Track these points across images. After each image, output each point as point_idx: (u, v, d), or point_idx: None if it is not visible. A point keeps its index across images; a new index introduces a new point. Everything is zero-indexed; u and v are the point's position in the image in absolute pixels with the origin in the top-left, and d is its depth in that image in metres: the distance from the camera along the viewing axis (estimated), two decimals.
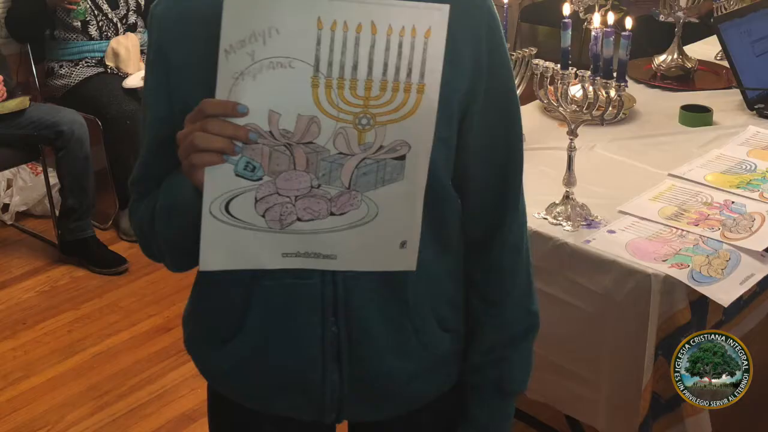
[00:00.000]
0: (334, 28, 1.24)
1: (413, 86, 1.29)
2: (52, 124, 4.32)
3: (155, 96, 1.52)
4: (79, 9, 4.71)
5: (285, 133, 1.29)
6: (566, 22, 2.35)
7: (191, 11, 1.45)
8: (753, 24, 3.33)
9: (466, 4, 1.46)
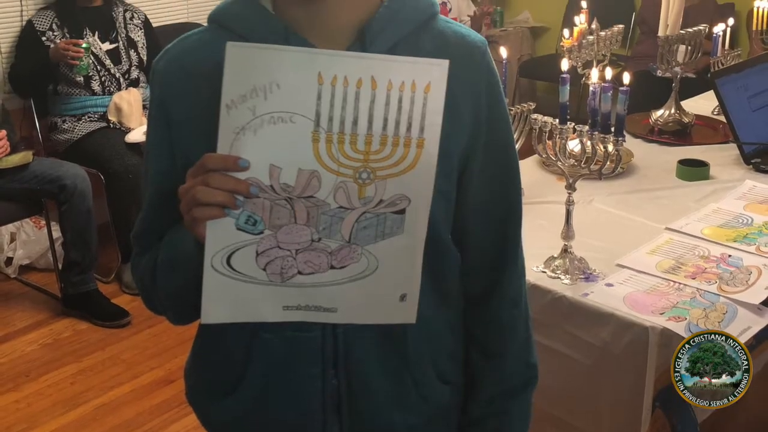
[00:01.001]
0: (334, 83, 1.25)
1: (413, 141, 1.29)
2: (56, 178, 4.35)
3: (157, 150, 1.53)
4: (81, 64, 4.75)
5: (286, 187, 1.29)
6: (564, 77, 2.35)
7: (193, 66, 1.47)
8: (749, 79, 3.36)
9: (466, 60, 1.48)
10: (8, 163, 4.26)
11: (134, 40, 5.21)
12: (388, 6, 1.47)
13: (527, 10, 7.91)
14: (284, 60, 1.26)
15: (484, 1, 7.67)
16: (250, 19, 1.46)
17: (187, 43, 1.52)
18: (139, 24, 5.28)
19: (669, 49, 3.51)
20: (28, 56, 4.96)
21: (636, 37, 6.93)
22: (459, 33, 1.52)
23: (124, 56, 5.13)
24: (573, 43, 3.38)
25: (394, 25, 1.46)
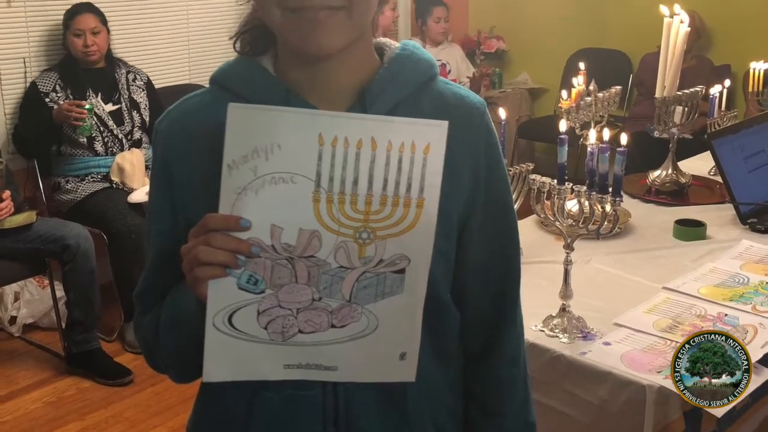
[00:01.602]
0: (335, 144, 1.26)
1: (413, 201, 1.30)
2: (59, 238, 4.37)
3: (159, 210, 1.53)
4: (84, 125, 4.78)
5: (287, 247, 1.30)
6: (562, 138, 2.35)
7: (195, 127, 1.48)
8: (746, 140, 3.37)
9: (465, 121, 1.50)
10: (12, 223, 4.28)
11: (137, 101, 5.25)
12: (387, 68, 1.49)
13: (526, 72, 7.96)
14: (285, 121, 1.27)
15: (483, 62, 7.72)
16: (252, 80, 1.48)
17: (188, 104, 1.53)
18: (142, 85, 5.33)
19: (666, 110, 3.51)
20: (31, 117, 5.00)
21: (633, 98, 6.99)
22: (458, 94, 1.54)
23: (127, 117, 5.18)
24: (571, 105, 3.39)
25: (393, 86, 1.48)
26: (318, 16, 1.34)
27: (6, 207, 4.23)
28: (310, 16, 1.34)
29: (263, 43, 1.53)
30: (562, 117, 3.15)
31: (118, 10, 5.49)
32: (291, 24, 1.37)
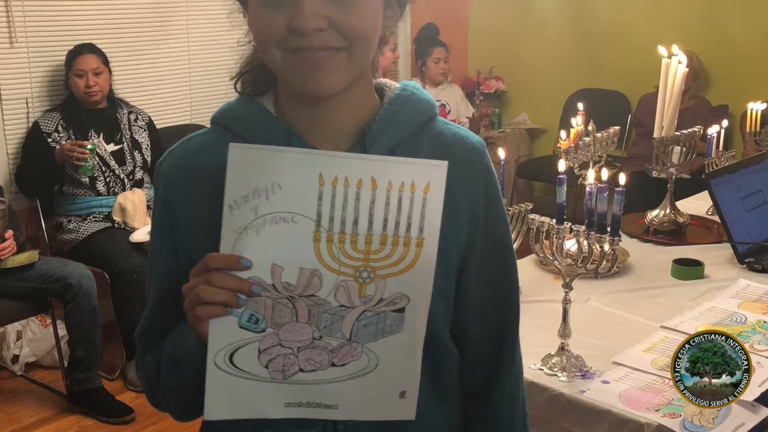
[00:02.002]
0: (335, 184, 1.27)
1: (412, 240, 1.30)
2: (61, 277, 4.38)
3: (161, 249, 1.53)
4: (86, 165, 4.79)
5: (287, 286, 1.30)
6: (561, 178, 2.35)
7: (196, 167, 1.49)
8: (743, 180, 3.38)
9: (464, 161, 1.51)
10: (15, 262, 4.29)
11: (138, 141, 5.27)
12: (388, 108, 1.50)
13: (525, 113, 7.99)
14: (286, 161, 1.28)
15: (483, 103, 7.75)
16: (252, 120, 1.49)
17: (190, 145, 1.54)
18: (143, 125, 5.35)
19: (664, 150, 3.52)
20: (34, 157, 5.01)
21: (632, 138, 7.01)
22: (458, 134, 1.55)
23: (129, 157, 5.20)
24: (570, 145, 3.40)
25: (393, 126, 1.48)
26: (318, 56, 1.36)
27: (9, 246, 4.24)
28: (310, 56, 1.36)
29: (264, 84, 1.54)
30: (560, 157, 3.15)
31: (120, 51, 5.52)
32: (291, 65, 1.38)
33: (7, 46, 5.14)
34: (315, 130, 1.47)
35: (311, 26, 1.33)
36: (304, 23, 1.32)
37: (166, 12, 5.92)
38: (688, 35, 6.30)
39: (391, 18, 1.48)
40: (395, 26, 1.51)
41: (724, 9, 6.52)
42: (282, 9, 1.35)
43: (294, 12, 1.33)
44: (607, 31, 7.24)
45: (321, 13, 1.33)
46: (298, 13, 1.33)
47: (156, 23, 5.87)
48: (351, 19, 1.36)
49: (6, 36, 5.13)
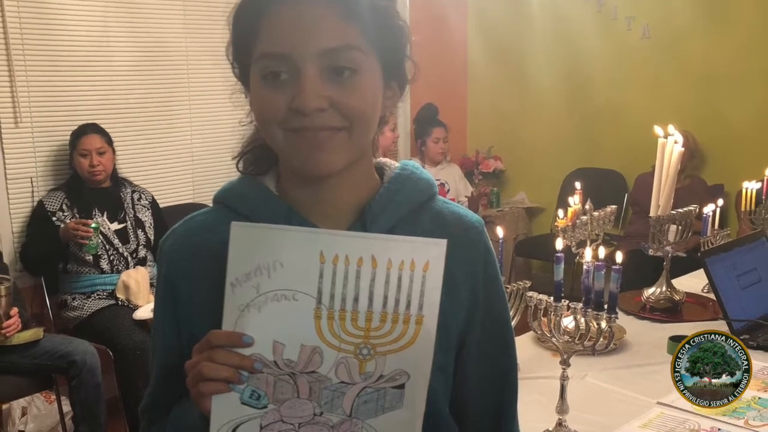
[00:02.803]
0: (336, 262, 1.28)
1: (412, 317, 1.30)
2: (65, 354, 4.39)
3: (164, 326, 1.55)
4: (90, 244, 4.84)
5: (289, 363, 1.30)
6: (559, 256, 2.35)
7: (198, 246, 1.50)
8: (738, 258, 3.39)
9: (463, 239, 1.52)
10: (20, 339, 4.31)
11: (142, 220, 5.33)
12: (388, 187, 1.52)
13: (523, 192, 8.05)
14: (287, 239, 1.29)
15: (481, 182, 7.81)
16: (254, 199, 1.51)
17: (192, 223, 1.56)
18: (147, 204, 5.41)
19: (660, 228, 3.54)
20: (38, 236, 5.05)
21: (628, 217, 7.04)
22: (456, 213, 1.57)
23: (132, 236, 5.25)
24: (567, 223, 3.41)
25: (393, 205, 1.50)
26: (319, 136, 1.37)
27: (14, 324, 4.26)
28: (311, 136, 1.37)
29: (265, 163, 1.56)
30: (558, 235, 3.15)
31: (124, 131, 5.60)
32: (293, 144, 1.39)
33: (12, 126, 5.22)
34: (316, 209, 1.49)
35: (312, 107, 1.34)
36: (306, 104, 1.34)
37: (169, 92, 6.01)
38: (684, 115, 6.39)
39: (391, 98, 1.50)
40: (395, 106, 1.54)
41: (719, 90, 6.59)
42: (283, 89, 1.37)
43: (295, 92, 1.35)
44: (604, 112, 7.32)
45: (322, 93, 1.35)
46: (300, 93, 1.35)
47: (159, 103, 5.95)
48: (351, 99, 1.37)
49: (11, 116, 5.21)
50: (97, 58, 5.58)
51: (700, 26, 6.66)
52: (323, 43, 1.35)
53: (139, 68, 5.81)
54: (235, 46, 1.47)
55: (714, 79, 6.63)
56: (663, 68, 6.92)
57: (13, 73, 5.18)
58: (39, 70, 5.31)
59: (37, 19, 5.28)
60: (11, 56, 5.16)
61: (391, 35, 1.46)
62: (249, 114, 1.52)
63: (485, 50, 8.11)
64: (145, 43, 5.83)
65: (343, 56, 1.37)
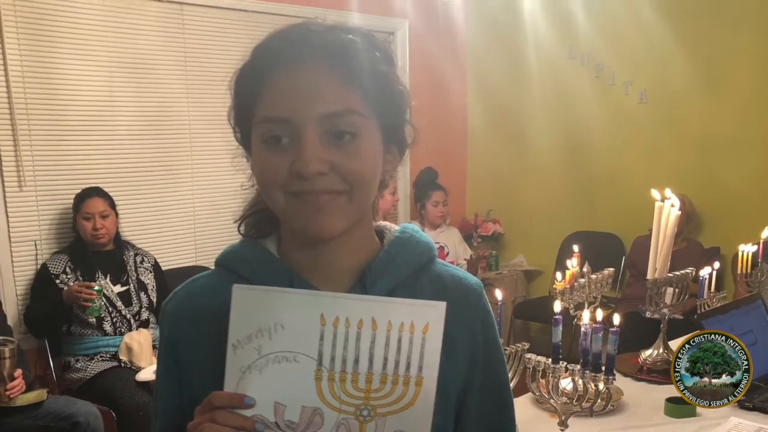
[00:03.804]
0: (336, 325, 1.28)
1: (412, 379, 1.30)
2: (69, 415, 4.39)
3: (166, 388, 1.55)
4: (94, 306, 4.87)
5: (290, 424, 1.30)
6: (557, 318, 2.38)
7: (200, 308, 1.50)
8: (734, 320, 3.38)
9: (462, 301, 1.52)
10: (24, 401, 4.31)
11: (144, 282, 5.35)
12: (387, 250, 1.52)
13: (522, 255, 8.07)
14: (288, 302, 1.29)
15: (480, 245, 7.85)
16: (255, 262, 1.51)
17: (194, 286, 1.56)
18: (149, 267, 5.44)
19: (657, 291, 3.57)
20: (42, 298, 5.08)
21: (626, 279, 7.05)
22: (456, 276, 1.57)
23: (135, 298, 5.27)
24: (565, 286, 3.44)
25: (393, 268, 1.50)
26: (320, 200, 1.37)
27: (18, 385, 4.27)
28: (312, 200, 1.37)
29: (267, 226, 1.57)
30: (556, 298, 3.18)
31: (127, 194, 5.65)
32: (294, 208, 1.39)
33: (16, 190, 5.27)
34: (317, 272, 1.49)
35: (313, 170, 1.35)
36: (307, 167, 1.34)
37: (172, 156, 6.06)
38: (681, 179, 6.44)
39: (391, 162, 1.51)
40: (395, 170, 1.54)
41: (716, 154, 6.63)
42: (284, 153, 1.37)
43: (296, 156, 1.36)
44: (601, 175, 7.37)
45: (323, 157, 1.36)
46: (300, 157, 1.35)
47: (162, 166, 6.01)
48: (352, 163, 1.38)
49: (15, 179, 5.26)
50: (100, 121, 5.63)
51: (697, 91, 6.71)
52: (324, 107, 1.36)
53: (142, 132, 5.86)
54: (237, 110, 1.48)
55: (711, 143, 6.68)
56: (660, 132, 6.97)
57: (17, 136, 5.24)
58: (43, 133, 5.37)
59: (42, 82, 5.34)
60: (15, 119, 5.22)
61: (391, 100, 1.47)
62: (250, 178, 1.51)
63: (484, 114, 8.18)
64: (149, 107, 5.89)
65: (343, 120, 1.37)
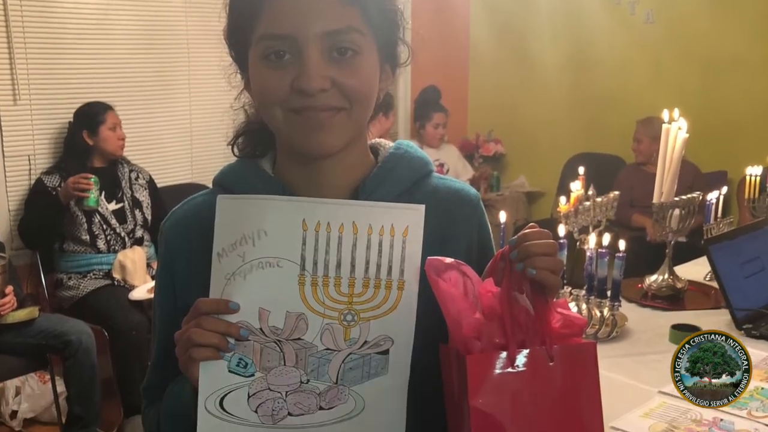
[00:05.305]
0: (318, 229, 1.33)
1: (394, 283, 1.36)
2: (60, 334, 4.39)
3: (163, 296, 1.60)
4: (91, 197, 4.84)
5: (275, 330, 1.35)
6: (561, 242, 2.38)
7: (196, 226, 1.53)
8: (742, 246, 3.37)
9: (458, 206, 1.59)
10: (14, 318, 4.29)
11: (139, 199, 5.32)
12: (381, 166, 1.57)
13: (523, 176, 8.02)
14: (270, 208, 1.34)
15: (482, 165, 7.79)
16: (250, 180, 1.55)
17: (191, 205, 1.61)
18: (144, 184, 5.40)
19: (663, 215, 3.53)
20: (37, 208, 5.01)
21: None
22: (452, 187, 1.62)
23: (129, 216, 5.23)
24: (569, 209, 3.42)
25: (387, 183, 1.55)
26: (320, 116, 1.41)
27: (9, 302, 4.25)
28: (313, 116, 1.41)
29: (262, 146, 1.62)
30: (560, 221, 3.16)
31: (122, 110, 5.54)
32: (293, 124, 1.43)
33: (11, 104, 5.20)
34: (312, 189, 1.52)
35: (316, 87, 1.38)
36: (309, 84, 1.37)
37: (169, 71, 6.00)
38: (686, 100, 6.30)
39: (384, 81, 1.53)
40: (386, 90, 1.56)
41: (722, 76, 6.57)
42: (285, 70, 1.40)
43: (298, 73, 1.39)
44: (607, 95, 7.28)
45: (325, 74, 1.39)
46: (303, 74, 1.38)
47: (159, 82, 5.95)
48: (352, 80, 1.41)
49: (9, 93, 5.19)
50: (97, 35, 5.55)
51: (703, 11, 6.62)
52: (326, 25, 1.38)
53: (139, 47, 5.79)
54: (234, 27, 1.50)
55: (717, 65, 6.60)
56: (666, 53, 6.89)
57: (13, 49, 5.16)
58: (38, 47, 5.29)
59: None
60: (11, 33, 5.14)
61: (388, 18, 1.50)
62: (239, 97, 1.59)
63: (488, 31, 8.06)
64: (146, 21, 5.81)
65: (344, 38, 1.40)
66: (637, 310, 3.42)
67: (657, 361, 2.85)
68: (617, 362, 2.85)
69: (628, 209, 6.17)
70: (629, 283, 3.61)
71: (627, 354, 2.93)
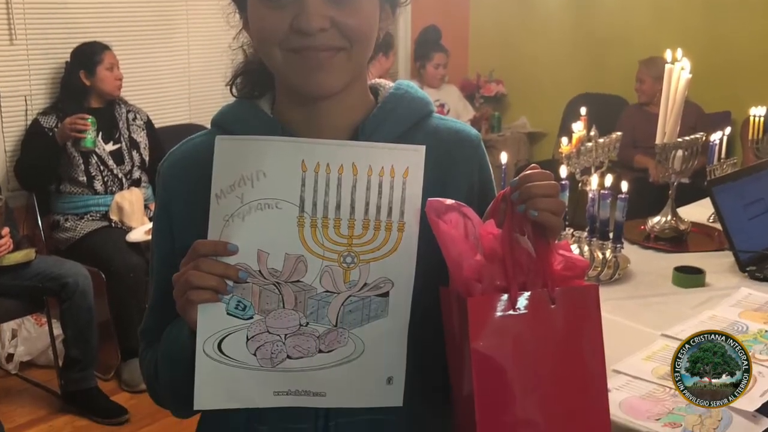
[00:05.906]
0: (317, 170, 1.32)
1: (394, 224, 1.35)
2: (57, 276, 4.38)
3: (161, 238, 1.59)
4: (88, 137, 4.82)
5: (273, 272, 1.34)
6: (563, 184, 2.36)
7: (194, 167, 1.51)
8: (746, 187, 3.35)
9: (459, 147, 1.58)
10: (11, 260, 4.28)
11: (136, 140, 5.28)
12: (381, 107, 1.54)
13: (524, 116, 7.98)
14: (269, 149, 1.32)
15: (482, 105, 7.75)
16: (249, 121, 1.53)
17: (189, 146, 1.59)
18: (142, 125, 5.36)
19: (666, 156, 3.51)
20: (35, 147, 4.99)
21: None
22: (453, 128, 1.60)
23: (127, 157, 5.20)
24: (571, 150, 3.39)
25: (387, 124, 1.53)
26: (320, 56, 1.39)
27: (5, 244, 4.23)
28: (312, 56, 1.39)
29: (260, 87, 1.60)
30: (562, 162, 3.14)
31: (119, 49, 5.48)
32: (292, 64, 1.41)
33: (7, 43, 5.15)
34: (311, 130, 1.50)
35: (316, 26, 1.36)
36: (309, 23, 1.36)
37: (167, 11, 5.95)
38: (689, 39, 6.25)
39: (384, 20, 1.51)
40: (386, 30, 1.54)
41: (725, 14, 6.54)
42: (284, 10, 1.38)
43: (297, 12, 1.37)
44: (608, 35, 7.22)
45: (324, 13, 1.37)
46: (303, 13, 1.36)
47: (156, 22, 5.90)
48: (352, 19, 1.39)
49: (6, 33, 5.14)
50: None
51: None
52: None
53: None
54: None
55: (722, 3, 6.56)
56: None
57: None
58: None
59: None
60: None
61: None
62: (237, 37, 1.57)
63: None
64: None
65: None
66: (639, 252, 3.40)
67: (660, 304, 2.84)
68: (619, 305, 2.83)
69: (631, 150, 6.16)
70: (632, 224, 3.60)
71: (629, 296, 2.91)
